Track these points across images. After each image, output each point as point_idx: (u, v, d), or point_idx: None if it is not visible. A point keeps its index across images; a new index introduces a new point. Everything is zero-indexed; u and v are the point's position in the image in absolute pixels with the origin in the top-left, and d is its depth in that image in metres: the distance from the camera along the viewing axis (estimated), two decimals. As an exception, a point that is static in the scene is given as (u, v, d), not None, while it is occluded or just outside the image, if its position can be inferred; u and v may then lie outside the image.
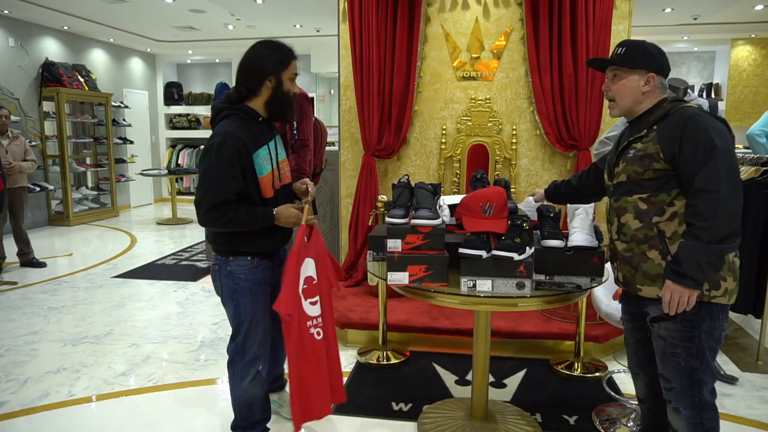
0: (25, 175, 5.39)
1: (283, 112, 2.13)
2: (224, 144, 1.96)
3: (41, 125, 7.76)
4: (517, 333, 3.33)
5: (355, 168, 4.17)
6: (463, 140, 4.04)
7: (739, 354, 3.40)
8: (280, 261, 2.22)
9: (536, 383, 2.98)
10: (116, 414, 2.72)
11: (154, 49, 10.03)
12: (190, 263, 5.74)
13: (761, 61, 8.30)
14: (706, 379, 1.79)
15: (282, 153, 2.22)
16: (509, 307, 2.08)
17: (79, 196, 8.37)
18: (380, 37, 3.90)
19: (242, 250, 2.11)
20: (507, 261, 1.96)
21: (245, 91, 2.08)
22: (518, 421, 2.54)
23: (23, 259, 5.47)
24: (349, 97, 4.15)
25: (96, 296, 4.60)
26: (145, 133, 10.13)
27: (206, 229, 2.17)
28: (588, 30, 3.66)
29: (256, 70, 2.05)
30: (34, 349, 3.49)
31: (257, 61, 2.06)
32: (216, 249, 2.15)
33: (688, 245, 1.64)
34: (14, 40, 7.39)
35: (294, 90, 2.14)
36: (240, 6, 7.00)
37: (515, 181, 3.98)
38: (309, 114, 3.43)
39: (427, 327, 3.43)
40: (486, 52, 3.98)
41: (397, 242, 2.08)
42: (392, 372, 3.15)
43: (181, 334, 3.78)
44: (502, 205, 2.08)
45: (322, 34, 8.53)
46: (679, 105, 1.76)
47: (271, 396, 2.50)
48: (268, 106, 2.10)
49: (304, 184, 2.24)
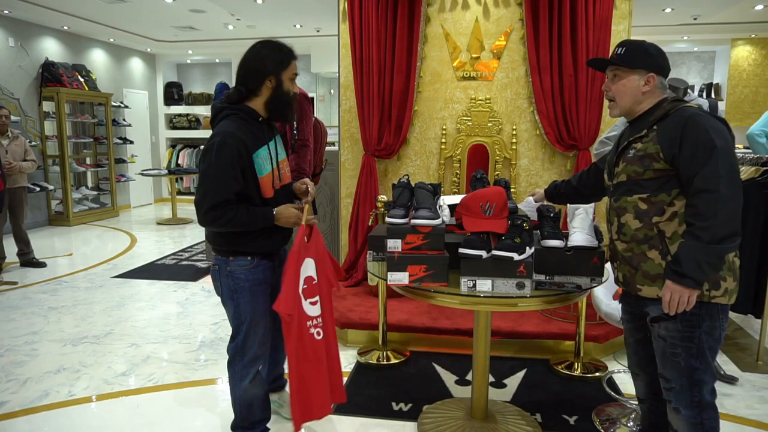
0: (25, 175, 5.39)
1: (283, 112, 2.12)
2: (224, 144, 1.96)
3: (41, 125, 7.76)
4: (517, 333, 3.33)
5: (355, 168, 4.17)
6: (463, 140, 4.04)
7: (739, 354, 3.40)
8: (280, 261, 2.22)
9: (536, 383, 2.98)
10: (116, 414, 2.72)
11: (154, 49, 10.03)
12: (190, 263, 5.74)
13: (761, 61, 8.30)
14: (706, 379, 1.78)
15: (282, 153, 2.22)
16: (509, 307, 2.08)
17: (79, 196, 8.37)
18: (380, 37, 3.90)
19: (242, 250, 2.11)
20: (507, 261, 1.96)
21: (245, 91, 2.07)
22: (518, 421, 2.54)
23: (23, 259, 5.48)
24: (349, 97, 4.15)
25: (96, 296, 4.60)
26: (145, 133, 10.13)
27: (206, 229, 2.17)
28: (588, 30, 3.66)
29: (256, 70, 2.05)
30: (34, 349, 3.49)
31: (257, 61, 2.05)
32: (216, 249, 2.15)
33: (688, 245, 1.64)
34: (14, 40, 7.39)
35: (294, 90, 2.14)
36: (240, 6, 7.00)
37: (515, 181, 3.98)
38: (309, 114, 3.43)
39: (427, 327, 3.43)
40: (486, 52, 3.98)
41: (397, 242, 2.08)
42: (392, 372, 3.15)
43: (181, 334, 3.78)
44: (502, 205, 2.08)
45: (322, 34, 8.53)
46: (679, 105, 1.76)
47: (271, 396, 2.50)
48: (268, 106, 2.10)
49: (304, 184, 2.24)
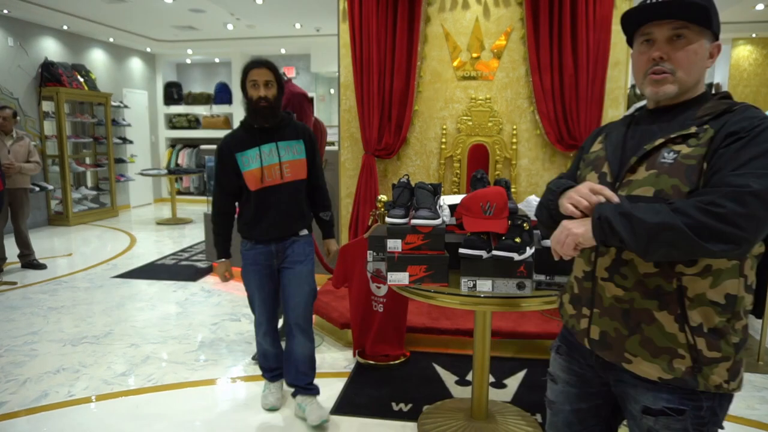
0: (27, 177, 5.37)
1: (254, 116, 2.43)
2: (217, 150, 2.52)
3: (41, 125, 7.75)
4: (517, 333, 3.33)
5: (355, 168, 4.17)
6: (464, 140, 4.03)
7: (740, 354, 3.39)
8: (283, 249, 2.55)
9: (536, 383, 2.98)
10: (116, 414, 2.71)
11: (154, 49, 10.02)
12: (190, 263, 5.74)
13: (762, 60, 8.30)
14: None
15: (279, 157, 2.47)
16: (509, 307, 2.08)
17: (78, 196, 8.36)
18: (380, 36, 3.89)
19: (245, 236, 2.57)
20: (507, 261, 1.95)
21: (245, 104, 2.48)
22: (518, 421, 2.53)
23: (24, 261, 5.47)
24: (349, 96, 4.14)
25: (96, 296, 4.59)
26: (145, 133, 10.12)
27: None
28: (588, 30, 3.65)
29: (241, 88, 2.46)
30: (34, 350, 3.48)
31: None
32: None
33: (648, 205, 1.14)
34: (13, 39, 7.38)
35: (257, 95, 2.38)
36: (240, 6, 7.00)
37: (515, 181, 3.97)
38: (309, 114, 3.43)
39: (427, 327, 3.42)
40: (486, 51, 3.97)
41: (397, 242, 2.07)
42: (392, 372, 3.14)
43: (181, 334, 3.77)
44: (502, 205, 2.08)
45: (322, 33, 8.52)
46: (732, 101, 1.24)
47: (297, 398, 2.70)
48: (246, 113, 2.47)
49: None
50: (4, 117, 5.19)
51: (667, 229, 1.07)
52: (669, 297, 1.20)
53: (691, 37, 1.21)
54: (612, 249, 1.27)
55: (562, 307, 1.48)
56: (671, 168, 1.17)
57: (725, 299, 1.18)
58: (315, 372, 2.68)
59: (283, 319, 2.77)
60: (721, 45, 1.28)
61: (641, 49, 1.27)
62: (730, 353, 1.20)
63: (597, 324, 1.31)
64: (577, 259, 1.40)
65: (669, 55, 1.22)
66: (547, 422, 1.58)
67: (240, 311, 4.23)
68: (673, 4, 1.19)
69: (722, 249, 1.06)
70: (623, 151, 1.30)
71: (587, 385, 1.43)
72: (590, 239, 1.19)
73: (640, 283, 1.23)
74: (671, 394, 1.22)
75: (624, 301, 1.26)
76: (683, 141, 1.19)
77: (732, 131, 1.13)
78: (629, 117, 1.39)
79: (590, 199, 1.21)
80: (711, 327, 1.19)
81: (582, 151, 1.49)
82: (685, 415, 1.22)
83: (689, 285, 1.18)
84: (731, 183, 1.07)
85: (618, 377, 1.32)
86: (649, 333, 1.22)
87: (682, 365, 1.20)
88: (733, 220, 1.04)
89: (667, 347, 1.20)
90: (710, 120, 1.18)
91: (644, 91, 1.28)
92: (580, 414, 1.47)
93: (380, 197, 3.48)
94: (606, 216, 1.14)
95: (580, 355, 1.42)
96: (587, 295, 1.34)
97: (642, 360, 1.23)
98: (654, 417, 1.25)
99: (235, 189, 2.51)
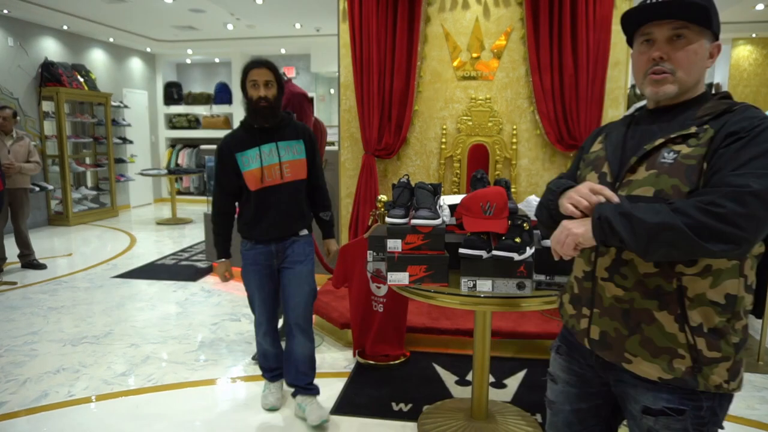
0: (27, 177, 5.36)
1: (254, 116, 2.44)
2: (217, 150, 2.52)
3: (41, 125, 7.75)
4: (517, 333, 3.33)
5: (355, 168, 4.17)
6: (464, 140, 4.03)
7: (740, 354, 3.39)
8: (283, 249, 2.55)
9: (536, 383, 2.98)
10: (116, 414, 2.71)
11: (154, 49, 10.02)
12: (190, 263, 5.74)
13: (762, 60, 8.30)
14: None
15: (279, 157, 2.46)
16: (509, 307, 2.08)
17: (78, 196, 8.36)
18: (380, 36, 3.89)
19: (245, 236, 2.57)
20: (507, 261, 1.95)
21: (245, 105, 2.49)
22: (518, 421, 2.53)
23: (24, 261, 5.47)
24: (349, 96, 4.14)
25: (96, 296, 4.59)
26: (145, 133, 10.12)
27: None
28: (588, 30, 3.65)
29: (241, 88, 2.47)
30: (34, 350, 3.48)
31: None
32: None
33: (648, 205, 1.13)
34: (13, 39, 7.38)
35: (257, 95, 2.38)
36: (240, 6, 7.00)
37: (515, 181, 3.97)
38: (309, 114, 3.43)
39: (427, 327, 3.42)
40: (486, 51, 3.97)
41: (397, 242, 2.07)
42: (392, 372, 3.14)
43: (181, 334, 3.77)
44: (502, 205, 2.08)
45: (322, 33, 8.52)
46: (732, 101, 1.24)
47: (297, 398, 2.70)
48: (246, 113, 2.48)
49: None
50: (4, 117, 5.19)
51: (667, 229, 1.07)
52: (669, 297, 1.20)
53: (691, 37, 1.21)
54: (612, 249, 1.27)
55: (562, 307, 1.48)
56: (671, 168, 1.17)
57: (725, 299, 1.19)
58: (315, 372, 2.68)
59: (283, 319, 2.77)
60: (721, 45, 1.28)
61: (641, 49, 1.27)
62: (730, 353, 1.20)
63: (597, 324, 1.31)
64: (577, 259, 1.39)
65: (669, 55, 1.22)
66: (547, 422, 1.58)
67: (240, 311, 4.23)
68: (673, 4, 1.19)
69: (722, 249, 1.06)
70: (623, 151, 1.30)
71: (587, 385, 1.43)
72: (590, 239, 1.19)
73: (640, 283, 1.23)
74: (671, 394, 1.22)
75: (624, 301, 1.25)
76: (683, 141, 1.19)
77: (732, 131, 1.13)
78: (629, 117, 1.38)
79: (590, 199, 1.21)
80: (711, 327, 1.19)
81: (582, 151, 1.49)
82: (685, 415, 1.22)
83: (689, 285, 1.18)
84: (731, 183, 1.06)
85: (618, 377, 1.31)
86: (649, 333, 1.22)
87: (682, 365, 1.20)
88: (733, 220, 1.04)
89: (667, 347, 1.21)
90: (710, 120, 1.18)
91: (644, 91, 1.28)
92: (580, 414, 1.47)
93: (380, 197, 3.48)
94: (606, 216, 1.14)
95: (580, 355, 1.42)
96: (587, 295, 1.34)
97: (642, 360, 1.23)
98: (654, 417, 1.25)
99: (235, 189, 2.52)
